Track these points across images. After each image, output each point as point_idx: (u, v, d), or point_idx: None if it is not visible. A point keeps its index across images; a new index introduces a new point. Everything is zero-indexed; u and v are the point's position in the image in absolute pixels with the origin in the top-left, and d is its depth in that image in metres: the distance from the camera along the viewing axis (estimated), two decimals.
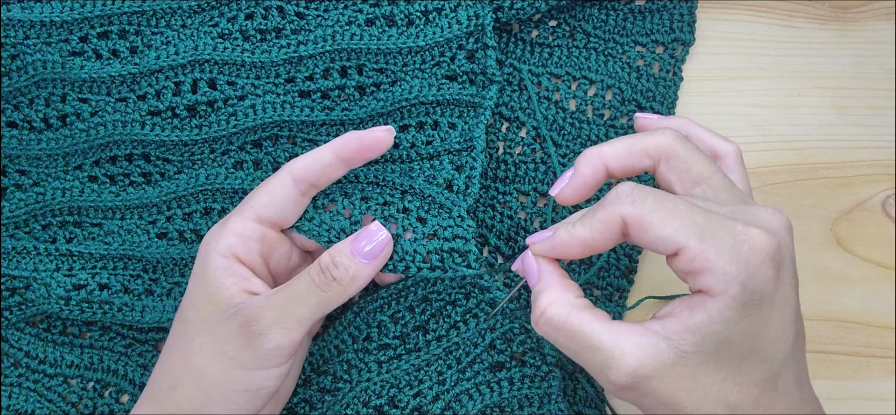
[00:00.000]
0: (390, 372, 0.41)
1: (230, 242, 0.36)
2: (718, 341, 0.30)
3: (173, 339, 0.37)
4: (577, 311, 0.32)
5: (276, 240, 0.38)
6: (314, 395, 0.42)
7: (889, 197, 0.46)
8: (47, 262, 0.44)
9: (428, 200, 0.40)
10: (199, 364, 0.35)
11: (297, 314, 0.35)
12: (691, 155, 0.34)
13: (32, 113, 0.44)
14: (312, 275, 0.35)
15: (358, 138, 0.38)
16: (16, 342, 0.44)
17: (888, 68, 0.47)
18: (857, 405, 0.43)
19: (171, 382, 0.36)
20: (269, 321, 0.34)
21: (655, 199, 0.31)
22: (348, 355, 0.42)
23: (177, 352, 0.36)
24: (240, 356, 0.35)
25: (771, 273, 0.30)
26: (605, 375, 0.31)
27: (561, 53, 0.46)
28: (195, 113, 0.44)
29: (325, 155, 0.37)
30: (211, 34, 0.44)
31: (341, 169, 0.38)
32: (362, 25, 0.44)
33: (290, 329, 0.35)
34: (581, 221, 0.33)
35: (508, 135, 0.46)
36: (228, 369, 0.35)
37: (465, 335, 0.41)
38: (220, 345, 0.35)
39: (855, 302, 0.44)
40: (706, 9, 0.48)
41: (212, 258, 0.36)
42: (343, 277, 0.35)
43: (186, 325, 0.36)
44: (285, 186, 0.37)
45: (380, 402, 0.41)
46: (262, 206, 0.37)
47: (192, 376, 0.35)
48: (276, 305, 0.35)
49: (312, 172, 0.37)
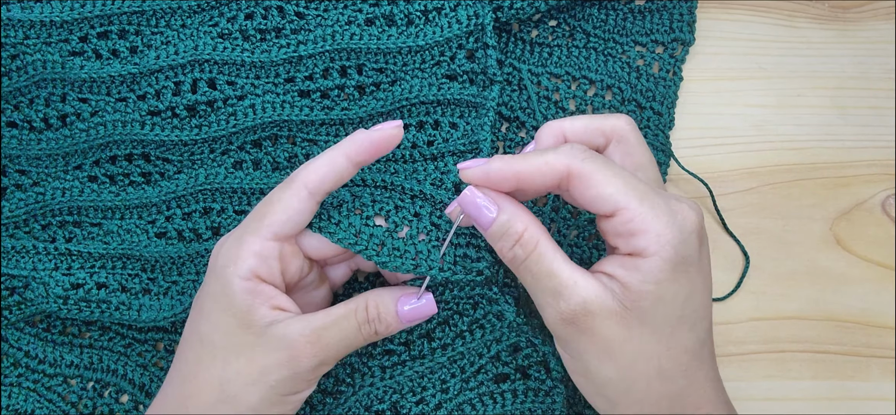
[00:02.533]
0: (394, 378, 0.41)
1: (250, 263, 0.35)
2: (653, 300, 0.32)
3: (196, 364, 0.36)
4: (546, 238, 0.34)
5: (291, 253, 0.37)
6: (315, 396, 0.42)
7: (889, 197, 0.46)
8: (46, 261, 0.44)
9: (439, 206, 0.39)
10: (237, 392, 0.35)
11: (338, 353, 0.36)
12: (639, 143, 0.37)
13: (32, 113, 0.44)
14: (360, 320, 0.36)
15: (369, 138, 0.37)
16: (16, 342, 0.44)
17: (888, 68, 0.47)
18: (857, 405, 0.43)
19: (200, 407, 0.35)
20: (317, 359, 0.35)
21: (603, 161, 0.33)
22: (351, 359, 0.42)
23: (206, 378, 0.35)
24: (281, 386, 0.35)
25: (697, 243, 0.33)
26: (555, 302, 0.33)
27: (561, 53, 0.46)
28: (195, 113, 0.44)
29: (339, 161, 0.36)
30: (211, 34, 0.44)
31: (354, 171, 0.37)
32: (362, 25, 0.44)
33: (329, 364, 0.36)
34: (522, 156, 0.34)
35: (508, 135, 0.46)
36: (267, 395, 0.35)
37: (470, 345, 0.41)
38: (262, 374, 0.35)
39: (855, 302, 0.44)
40: (706, 9, 0.48)
41: (233, 282, 0.35)
42: (383, 331, 0.37)
43: (216, 350, 0.35)
44: (301, 199, 0.36)
45: (382, 407, 0.41)
46: (279, 223, 0.36)
47: (227, 403, 0.35)
48: (325, 344, 0.35)
49: (328, 182, 0.36)
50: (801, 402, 0.43)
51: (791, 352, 0.44)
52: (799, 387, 0.43)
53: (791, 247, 0.45)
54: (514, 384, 0.41)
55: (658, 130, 0.45)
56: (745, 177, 0.46)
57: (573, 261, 0.34)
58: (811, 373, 0.44)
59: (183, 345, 0.37)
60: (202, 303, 0.36)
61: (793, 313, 0.44)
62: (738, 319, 0.44)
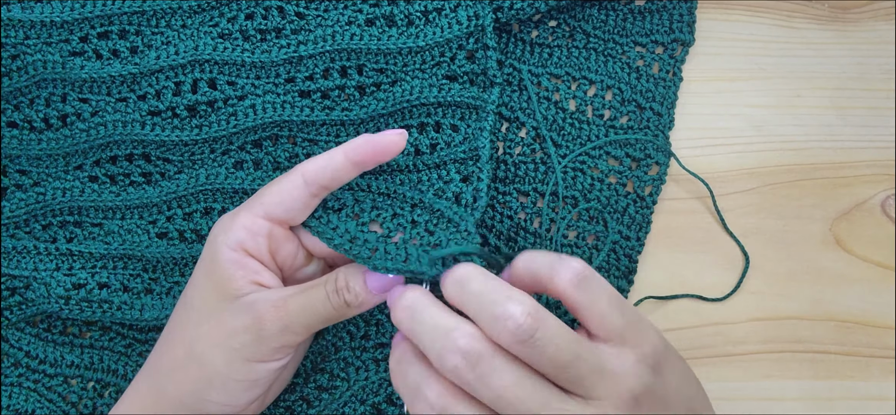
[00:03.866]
0: (389, 371, 0.41)
1: (239, 235, 0.37)
2: None
3: (176, 324, 0.38)
4: None
5: (283, 237, 0.38)
6: (311, 393, 0.42)
7: (889, 197, 0.46)
8: (47, 261, 0.44)
9: (436, 214, 0.40)
10: (203, 351, 0.36)
11: (307, 322, 0.36)
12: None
13: (33, 113, 0.44)
14: (328, 290, 0.36)
15: (371, 142, 0.38)
16: (16, 342, 0.44)
17: (888, 68, 0.47)
18: (857, 405, 0.43)
19: (171, 365, 0.37)
20: (281, 325, 0.35)
21: None
22: (345, 353, 0.42)
23: (180, 336, 0.37)
24: (245, 349, 0.36)
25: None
26: None
27: (561, 54, 0.46)
28: (195, 113, 0.44)
29: (338, 158, 0.38)
30: (211, 34, 0.44)
31: (353, 172, 0.38)
32: (362, 25, 0.44)
33: (297, 334, 0.36)
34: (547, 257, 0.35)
35: (508, 135, 0.46)
36: (232, 359, 0.36)
37: None
38: (228, 336, 0.36)
39: (855, 302, 0.44)
40: (706, 9, 0.48)
41: (221, 250, 0.36)
42: (354, 303, 0.36)
43: (191, 311, 0.37)
44: (296, 186, 0.37)
45: (377, 399, 0.41)
46: (271, 204, 0.37)
47: (195, 361, 0.36)
48: (289, 310, 0.36)
49: (324, 175, 0.37)
50: (801, 402, 0.43)
51: (791, 352, 0.44)
52: (799, 387, 0.43)
53: (791, 247, 0.45)
54: None
55: (658, 130, 0.45)
56: (745, 177, 0.46)
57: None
58: (811, 373, 0.44)
59: (174, 310, 0.39)
60: (195, 270, 0.38)
61: (793, 313, 0.44)
62: (738, 319, 0.44)
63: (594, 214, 0.44)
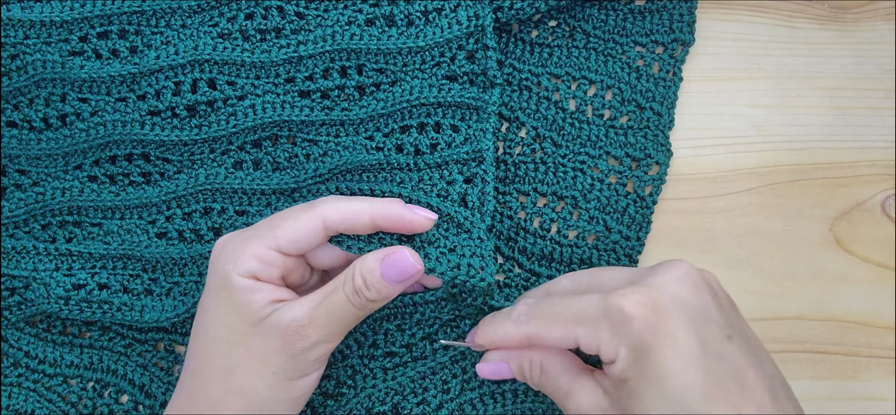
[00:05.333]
0: (396, 379, 0.41)
1: (251, 266, 0.36)
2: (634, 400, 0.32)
3: (202, 360, 0.37)
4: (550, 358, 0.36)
5: (293, 265, 0.38)
6: (317, 399, 0.42)
7: (889, 197, 0.46)
8: (47, 261, 0.44)
9: (446, 219, 0.40)
10: (242, 382, 0.35)
11: (336, 329, 0.36)
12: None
13: (32, 113, 0.44)
14: (347, 293, 0.36)
15: (402, 218, 0.37)
16: (16, 342, 0.44)
17: (888, 68, 0.47)
18: (857, 405, 0.43)
19: (209, 402, 0.36)
20: (312, 340, 0.35)
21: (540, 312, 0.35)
22: (353, 361, 0.42)
23: (211, 372, 0.36)
24: (283, 370, 0.35)
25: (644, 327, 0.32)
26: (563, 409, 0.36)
27: (561, 53, 0.46)
28: (195, 113, 0.44)
29: (363, 217, 0.37)
30: (211, 34, 0.44)
31: (371, 231, 0.38)
32: (362, 25, 0.44)
33: (330, 341, 0.36)
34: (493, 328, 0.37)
35: (508, 135, 0.46)
36: (272, 383, 0.35)
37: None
38: (264, 361, 0.35)
39: (855, 302, 0.44)
40: (706, 9, 0.48)
41: (232, 279, 0.35)
42: (376, 298, 0.36)
43: (217, 343, 0.36)
44: (315, 230, 0.37)
45: (383, 408, 0.41)
46: (286, 240, 0.36)
47: (235, 394, 0.35)
48: (319, 323, 0.35)
49: (345, 226, 0.37)
50: (801, 402, 0.43)
51: (791, 352, 0.44)
52: (799, 387, 0.43)
53: (791, 247, 0.45)
54: (515, 384, 0.41)
55: (658, 130, 0.45)
56: (745, 177, 0.46)
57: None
58: (811, 373, 0.44)
59: (190, 344, 0.38)
60: (205, 301, 0.37)
61: (793, 313, 0.44)
62: None
63: (594, 215, 0.44)
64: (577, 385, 0.35)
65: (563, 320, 0.34)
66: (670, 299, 0.33)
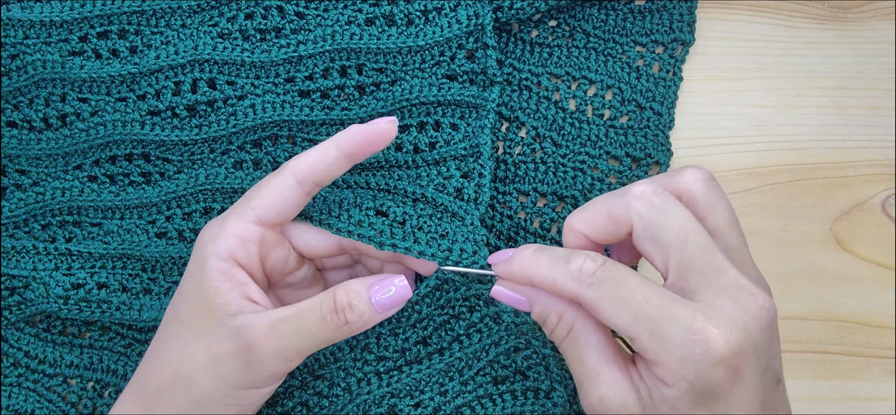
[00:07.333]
0: (390, 384, 0.41)
1: (229, 244, 0.35)
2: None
3: (165, 337, 0.37)
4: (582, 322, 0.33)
5: (274, 241, 0.37)
6: (311, 399, 0.42)
7: (889, 197, 0.46)
8: (46, 261, 0.44)
9: (440, 208, 0.40)
10: (190, 374, 0.35)
11: (300, 347, 0.35)
12: (712, 203, 0.34)
13: (32, 113, 0.44)
14: (324, 311, 0.34)
15: (361, 132, 0.36)
16: (16, 342, 0.44)
17: (888, 68, 0.47)
18: (857, 405, 0.43)
19: (159, 385, 0.36)
20: (272, 351, 0.34)
21: (611, 285, 0.31)
22: (346, 363, 0.41)
23: (167, 355, 0.36)
24: (234, 376, 0.34)
25: (723, 375, 0.29)
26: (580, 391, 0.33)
27: (561, 53, 0.46)
28: (195, 113, 0.44)
29: (330, 152, 0.36)
30: (211, 34, 0.44)
31: (346, 165, 0.37)
32: (362, 25, 0.44)
33: (290, 360, 0.35)
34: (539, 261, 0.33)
35: (508, 135, 0.46)
36: (221, 385, 0.35)
37: (467, 350, 0.41)
38: (216, 361, 0.34)
39: (855, 302, 0.44)
40: (706, 9, 0.48)
41: (209, 260, 0.35)
42: (355, 322, 0.35)
43: (180, 327, 0.36)
44: (288, 187, 0.36)
45: (380, 411, 0.41)
46: (263, 207, 0.36)
47: (182, 384, 0.35)
48: (281, 335, 0.34)
49: (317, 171, 0.36)
50: (802, 402, 0.43)
51: (791, 352, 0.44)
52: (799, 387, 0.43)
53: (791, 247, 0.45)
54: (513, 386, 0.41)
55: (658, 130, 0.45)
56: (745, 177, 0.46)
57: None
58: (811, 373, 0.44)
59: (163, 318, 0.38)
60: (182, 281, 0.37)
61: (793, 313, 0.44)
62: None
63: None
64: (607, 372, 0.32)
65: (635, 316, 0.30)
66: (752, 348, 0.30)
